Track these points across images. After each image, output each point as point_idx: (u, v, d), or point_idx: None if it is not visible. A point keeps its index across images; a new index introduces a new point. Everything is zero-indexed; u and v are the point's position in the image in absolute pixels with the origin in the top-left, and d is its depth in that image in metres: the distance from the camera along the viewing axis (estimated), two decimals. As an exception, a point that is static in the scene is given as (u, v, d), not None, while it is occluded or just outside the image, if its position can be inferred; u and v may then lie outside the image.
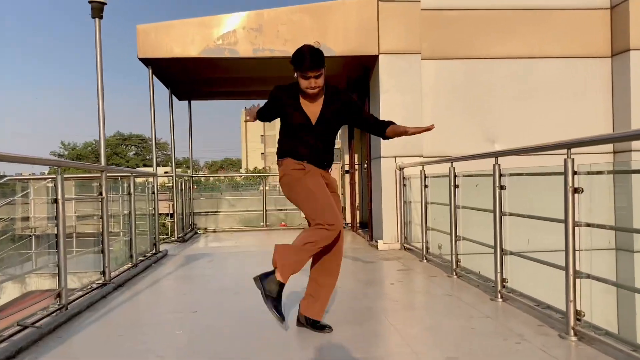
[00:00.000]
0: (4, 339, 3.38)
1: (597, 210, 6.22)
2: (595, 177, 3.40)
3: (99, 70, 5.48)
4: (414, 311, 4.43)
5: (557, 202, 3.45)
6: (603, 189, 7.09)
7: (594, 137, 3.29)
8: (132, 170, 6.39)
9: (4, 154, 3.48)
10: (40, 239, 8.44)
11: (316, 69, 3.32)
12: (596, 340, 3.17)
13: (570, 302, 3.34)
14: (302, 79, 3.38)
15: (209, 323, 4.05)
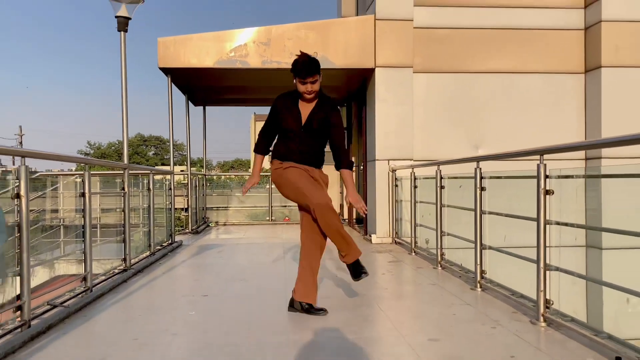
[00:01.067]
0: (35, 316, 3.44)
1: (570, 211, 6.27)
2: (569, 181, 3.45)
3: (124, 77, 5.54)
4: (402, 299, 4.48)
5: (531, 202, 3.51)
6: (576, 192, 7.13)
7: (564, 145, 3.34)
8: (151, 168, 6.45)
9: (39, 152, 3.54)
10: (69, 229, 8.50)
11: (311, 75, 3.47)
12: (563, 326, 3.23)
13: (541, 292, 3.40)
14: (300, 84, 3.52)
15: (218, 306, 4.11)
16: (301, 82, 3.52)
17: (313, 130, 3.63)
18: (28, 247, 3.31)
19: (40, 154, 3.54)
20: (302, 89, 3.54)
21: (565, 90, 8.43)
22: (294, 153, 3.65)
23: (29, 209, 3.33)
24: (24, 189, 3.26)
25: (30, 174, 3.41)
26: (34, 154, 3.52)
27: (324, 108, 3.65)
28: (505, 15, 8.32)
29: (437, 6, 8.22)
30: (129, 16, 5.60)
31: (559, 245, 3.66)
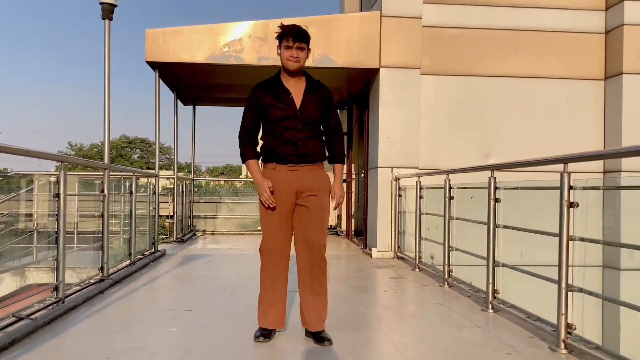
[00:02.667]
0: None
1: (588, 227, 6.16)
2: (586, 195, 3.33)
3: (107, 70, 5.40)
4: (406, 319, 4.33)
5: (549, 216, 3.38)
6: (593, 207, 7.03)
7: (590, 152, 3.23)
8: (135, 170, 6.30)
9: (10, 147, 3.39)
10: (42, 234, 8.33)
11: (299, 39, 3.27)
12: (586, 354, 3.09)
13: (562, 315, 3.26)
14: (285, 49, 3.28)
15: (204, 322, 3.95)
16: (286, 47, 3.27)
17: (311, 116, 3.32)
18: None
19: (9, 148, 3.38)
20: (286, 55, 3.27)
21: (583, 98, 8.35)
22: (291, 149, 3.29)
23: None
24: (-10, 187, 3.11)
25: (2, 173, 3.26)
26: (3, 148, 3.36)
27: (316, 86, 3.41)
28: (520, 16, 8.24)
29: (448, 4, 8.14)
30: (114, 3, 5.48)
31: (582, 264, 3.53)
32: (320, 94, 3.39)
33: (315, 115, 3.34)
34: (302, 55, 3.30)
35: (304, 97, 3.33)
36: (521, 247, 4.91)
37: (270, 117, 3.30)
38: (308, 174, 3.34)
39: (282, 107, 3.28)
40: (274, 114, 3.28)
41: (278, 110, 3.28)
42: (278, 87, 3.33)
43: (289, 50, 3.26)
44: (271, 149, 3.34)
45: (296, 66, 3.30)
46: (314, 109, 3.33)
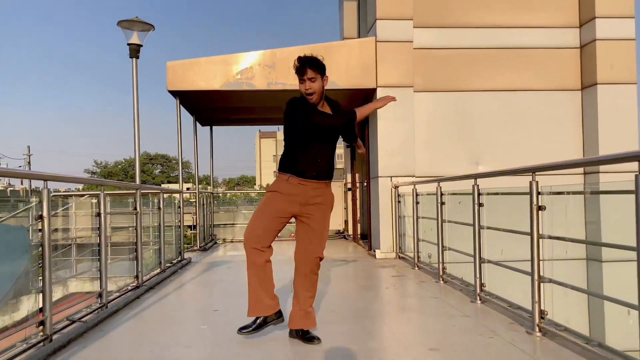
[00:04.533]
0: (56, 331, 3.62)
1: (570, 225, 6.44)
2: (565, 196, 3.63)
3: (135, 102, 5.77)
4: (405, 312, 4.63)
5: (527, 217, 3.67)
6: (576, 206, 7.29)
7: (554, 163, 3.53)
8: (162, 189, 6.66)
9: (61, 175, 3.75)
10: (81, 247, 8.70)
11: (306, 67, 3.23)
12: (557, 335, 3.39)
13: (536, 303, 3.56)
14: (300, 83, 3.29)
15: (228, 319, 4.26)
16: (300, 81, 3.28)
17: (334, 137, 3.43)
18: (50, 265, 3.50)
19: (60, 177, 3.75)
20: (301, 89, 3.28)
21: (563, 107, 8.63)
22: (312, 165, 3.33)
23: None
24: (47, 211, 3.46)
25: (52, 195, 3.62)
26: (55, 177, 3.72)
27: (337, 108, 3.46)
28: (503, 35, 8.56)
29: (436, 27, 8.48)
30: (140, 43, 5.85)
31: (555, 258, 3.83)
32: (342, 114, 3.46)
33: (337, 132, 3.45)
34: (315, 86, 3.23)
35: (330, 119, 3.35)
36: (505, 244, 5.20)
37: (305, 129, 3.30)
38: (316, 190, 3.38)
39: (322, 122, 3.31)
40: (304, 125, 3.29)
41: (309, 123, 3.28)
42: (307, 105, 3.31)
43: (302, 84, 3.26)
44: (293, 162, 3.36)
45: (314, 98, 3.27)
46: (338, 131, 3.44)
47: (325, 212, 3.47)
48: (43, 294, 3.47)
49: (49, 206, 3.50)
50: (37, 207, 3.54)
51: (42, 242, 3.47)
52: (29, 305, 3.62)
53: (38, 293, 3.49)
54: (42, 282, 3.49)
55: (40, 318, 3.45)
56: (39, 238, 3.48)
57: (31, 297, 3.61)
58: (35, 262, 3.62)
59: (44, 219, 3.47)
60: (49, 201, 3.50)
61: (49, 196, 3.51)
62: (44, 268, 3.48)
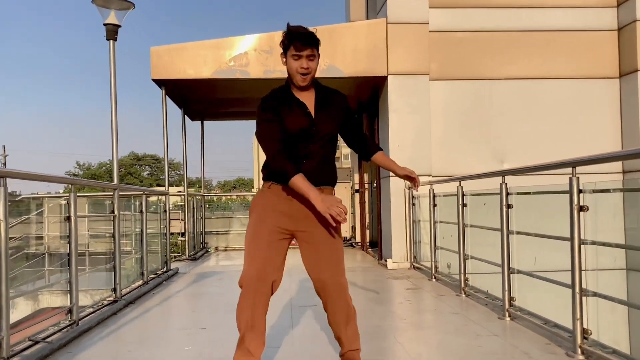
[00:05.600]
0: (15, 353, 3.41)
1: (607, 229, 6.22)
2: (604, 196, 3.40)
3: (113, 90, 5.57)
4: (422, 330, 4.41)
5: (564, 220, 3.45)
6: (613, 208, 7.05)
7: (599, 155, 3.30)
8: (144, 189, 6.46)
9: (21, 172, 3.55)
10: (54, 257, 8.51)
11: (310, 45, 2.76)
12: (603, 358, 3.14)
13: (577, 320, 3.33)
14: (293, 59, 2.77)
15: (218, 339, 4.06)
16: (295, 57, 2.76)
17: (326, 132, 2.88)
18: (7, 277, 3.29)
19: (20, 173, 3.54)
20: (294, 66, 2.77)
21: (598, 97, 8.39)
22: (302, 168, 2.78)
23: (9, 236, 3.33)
24: (3, 213, 3.25)
25: (12, 197, 3.41)
26: (14, 173, 3.51)
27: (327, 95, 2.95)
28: (529, 16, 8.33)
29: (454, 7, 8.25)
30: (118, 23, 5.66)
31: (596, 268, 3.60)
32: (334, 103, 2.94)
33: (331, 132, 2.91)
34: (313, 66, 2.81)
35: (316, 110, 2.87)
36: (536, 252, 4.97)
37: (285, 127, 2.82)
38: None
39: (298, 124, 2.83)
40: (289, 131, 2.82)
41: (294, 127, 2.82)
42: (291, 100, 2.86)
43: (298, 60, 2.76)
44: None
45: (307, 79, 2.82)
46: (329, 123, 2.89)
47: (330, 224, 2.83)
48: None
49: (5, 208, 3.29)
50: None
51: (-4, 250, 3.26)
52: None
53: (-7, 309, 3.28)
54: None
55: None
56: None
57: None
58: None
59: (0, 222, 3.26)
60: (6, 202, 3.29)
61: (6, 196, 3.30)
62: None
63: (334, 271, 2.88)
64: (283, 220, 2.85)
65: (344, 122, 3.01)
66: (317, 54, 2.83)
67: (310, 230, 2.87)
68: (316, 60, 2.83)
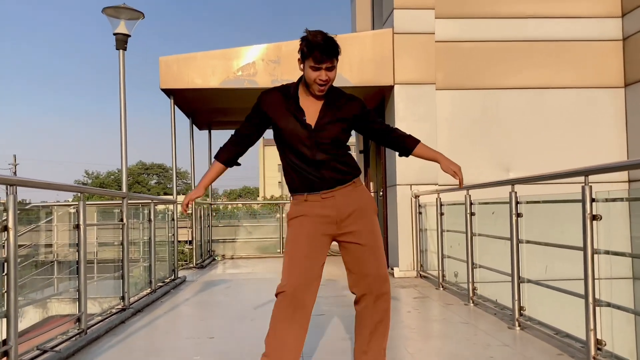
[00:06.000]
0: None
1: (614, 239, 6.12)
2: (611, 205, 3.33)
3: (122, 98, 5.54)
4: (432, 339, 4.32)
5: (574, 229, 3.38)
6: (620, 218, 6.96)
7: (612, 164, 3.23)
8: (153, 197, 6.41)
9: (31, 180, 3.50)
10: (62, 264, 8.46)
11: (330, 57, 2.64)
12: (618, 370, 3.06)
13: (591, 330, 3.24)
14: (312, 70, 2.66)
15: (226, 349, 3.98)
16: (314, 67, 2.65)
17: (328, 136, 2.77)
18: (16, 285, 3.23)
19: (30, 182, 3.49)
20: (312, 76, 2.66)
21: (603, 106, 8.31)
22: (317, 177, 2.76)
23: (18, 244, 3.27)
24: (12, 221, 3.20)
25: (21, 205, 3.35)
26: (24, 182, 3.46)
27: (337, 101, 2.82)
28: (535, 27, 8.27)
29: (460, 18, 8.21)
30: (128, 33, 5.63)
31: (609, 277, 3.51)
32: (343, 109, 2.82)
33: (335, 137, 2.78)
34: (332, 76, 2.70)
35: (321, 114, 2.78)
36: (546, 261, 4.89)
37: (281, 136, 2.82)
38: (346, 197, 2.79)
39: (292, 129, 2.77)
40: (285, 135, 2.79)
41: (288, 132, 2.78)
42: (292, 103, 2.79)
43: (317, 72, 2.66)
44: (297, 178, 2.82)
45: (325, 90, 2.74)
46: (331, 131, 2.77)
47: (369, 217, 2.83)
48: (7, 319, 3.19)
49: (15, 215, 3.23)
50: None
51: (6, 258, 3.20)
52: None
53: (1, 318, 3.22)
54: (6, 304, 3.22)
55: (4, 348, 3.17)
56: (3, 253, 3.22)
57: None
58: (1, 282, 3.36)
59: (9, 230, 3.20)
60: (15, 209, 3.24)
61: (15, 204, 3.24)
62: (8, 288, 3.20)
63: (380, 265, 2.82)
64: (325, 226, 2.78)
65: (360, 126, 2.91)
66: (336, 63, 2.72)
67: (353, 230, 2.79)
68: (335, 69, 2.72)
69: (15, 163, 62.64)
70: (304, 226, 2.77)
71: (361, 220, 2.80)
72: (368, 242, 2.80)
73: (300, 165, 2.78)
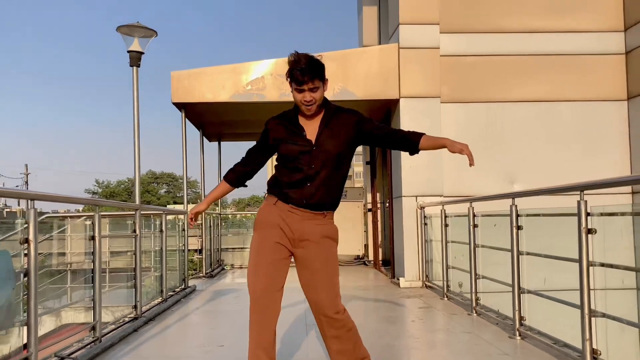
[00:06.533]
0: (42, 369, 3.48)
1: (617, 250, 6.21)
2: (616, 217, 3.44)
3: (136, 115, 5.71)
4: (435, 349, 4.43)
5: (574, 241, 3.48)
6: (623, 229, 7.04)
7: (606, 180, 3.34)
8: (164, 209, 6.56)
9: (49, 194, 3.66)
10: (77, 274, 8.63)
11: (311, 78, 2.75)
12: (613, 379, 3.16)
13: (587, 340, 3.35)
14: (296, 92, 2.81)
15: (236, 357, 4.11)
16: (297, 90, 2.80)
17: (328, 152, 2.86)
18: (36, 294, 3.38)
19: (48, 196, 3.66)
20: (298, 98, 2.82)
21: (607, 119, 8.40)
22: (297, 185, 2.86)
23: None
24: (33, 234, 3.35)
25: (39, 216, 3.51)
26: (43, 196, 3.63)
27: (335, 116, 2.94)
28: (538, 41, 8.39)
29: (465, 32, 8.34)
30: (141, 50, 5.81)
31: (604, 287, 3.62)
32: (341, 123, 2.92)
33: (334, 152, 2.87)
34: (317, 96, 2.81)
35: (320, 130, 2.89)
36: (547, 272, 4.98)
37: (283, 155, 2.93)
38: (309, 221, 2.88)
39: (293, 146, 2.88)
40: (287, 154, 2.90)
41: (290, 149, 2.89)
42: (292, 124, 2.92)
43: (300, 94, 2.80)
44: (279, 185, 2.94)
45: (312, 110, 2.85)
46: (330, 146, 2.86)
47: (328, 247, 2.91)
48: (28, 327, 3.34)
49: (35, 228, 3.39)
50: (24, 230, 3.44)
51: (27, 269, 3.36)
52: (12, 340, 3.51)
53: (22, 326, 3.37)
54: (27, 313, 3.37)
55: (25, 354, 3.32)
56: (24, 264, 3.37)
57: (15, 330, 3.49)
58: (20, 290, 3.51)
59: (30, 242, 3.36)
60: (35, 223, 3.39)
61: (35, 217, 3.40)
62: (29, 297, 3.36)
63: (329, 294, 2.87)
64: (284, 239, 2.88)
65: (362, 135, 2.97)
66: (321, 83, 2.81)
67: (310, 253, 2.88)
68: (321, 89, 2.83)
69: (27, 172, 63.28)
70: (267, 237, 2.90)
71: (317, 246, 2.87)
72: (320, 268, 2.87)
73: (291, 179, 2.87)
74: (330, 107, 2.95)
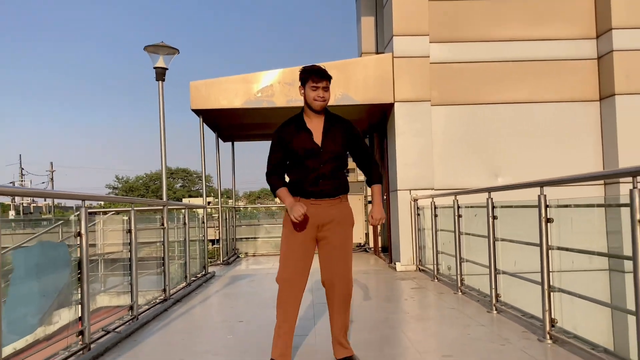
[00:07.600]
0: (93, 340, 3.94)
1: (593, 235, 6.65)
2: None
3: (162, 123, 6.13)
4: (423, 321, 4.86)
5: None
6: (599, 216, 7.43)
7: (561, 177, 3.75)
8: (187, 204, 7.00)
9: (97, 195, 4.10)
10: (109, 262, 9.07)
11: (325, 78, 3.25)
12: (567, 342, 3.59)
13: (546, 311, 3.77)
14: (311, 90, 3.25)
15: (253, 329, 4.56)
16: (312, 88, 3.24)
17: (333, 151, 3.31)
18: (88, 279, 3.84)
19: (96, 196, 4.10)
20: (312, 95, 3.24)
21: (581, 118, 8.78)
22: (313, 182, 3.29)
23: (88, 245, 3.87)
24: (84, 228, 3.80)
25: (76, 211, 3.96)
26: (91, 197, 4.07)
27: (335, 121, 3.38)
28: (518, 48, 8.77)
29: (452, 42, 8.73)
30: (165, 67, 6.22)
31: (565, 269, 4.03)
32: (340, 128, 3.36)
33: (336, 150, 3.32)
34: (327, 96, 3.28)
35: (323, 134, 3.31)
36: (520, 255, 5.39)
37: (294, 154, 3.31)
38: (331, 208, 3.32)
39: (303, 146, 3.28)
40: (297, 151, 3.29)
41: (300, 148, 3.28)
42: (301, 127, 3.32)
43: (315, 91, 3.24)
44: (295, 184, 3.35)
45: (323, 105, 3.29)
46: (334, 145, 3.31)
47: (345, 228, 3.39)
48: (82, 306, 3.80)
49: (86, 224, 3.83)
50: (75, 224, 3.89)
51: (80, 258, 3.81)
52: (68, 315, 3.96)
53: (77, 304, 3.82)
54: (80, 294, 3.82)
55: (80, 328, 3.78)
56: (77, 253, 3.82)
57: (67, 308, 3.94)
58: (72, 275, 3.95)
59: (82, 235, 3.80)
60: (86, 219, 3.84)
61: (86, 214, 3.85)
62: (82, 281, 3.81)
63: (346, 268, 3.40)
64: (312, 229, 3.32)
65: (351, 144, 3.42)
66: (329, 85, 3.31)
67: (330, 233, 3.34)
68: (329, 91, 3.32)
69: (52, 170, 63.90)
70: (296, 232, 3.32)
71: (338, 228, 3.35)
72: (339, 245, 3.36)
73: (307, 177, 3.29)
74: (330, 114, 3.41)
